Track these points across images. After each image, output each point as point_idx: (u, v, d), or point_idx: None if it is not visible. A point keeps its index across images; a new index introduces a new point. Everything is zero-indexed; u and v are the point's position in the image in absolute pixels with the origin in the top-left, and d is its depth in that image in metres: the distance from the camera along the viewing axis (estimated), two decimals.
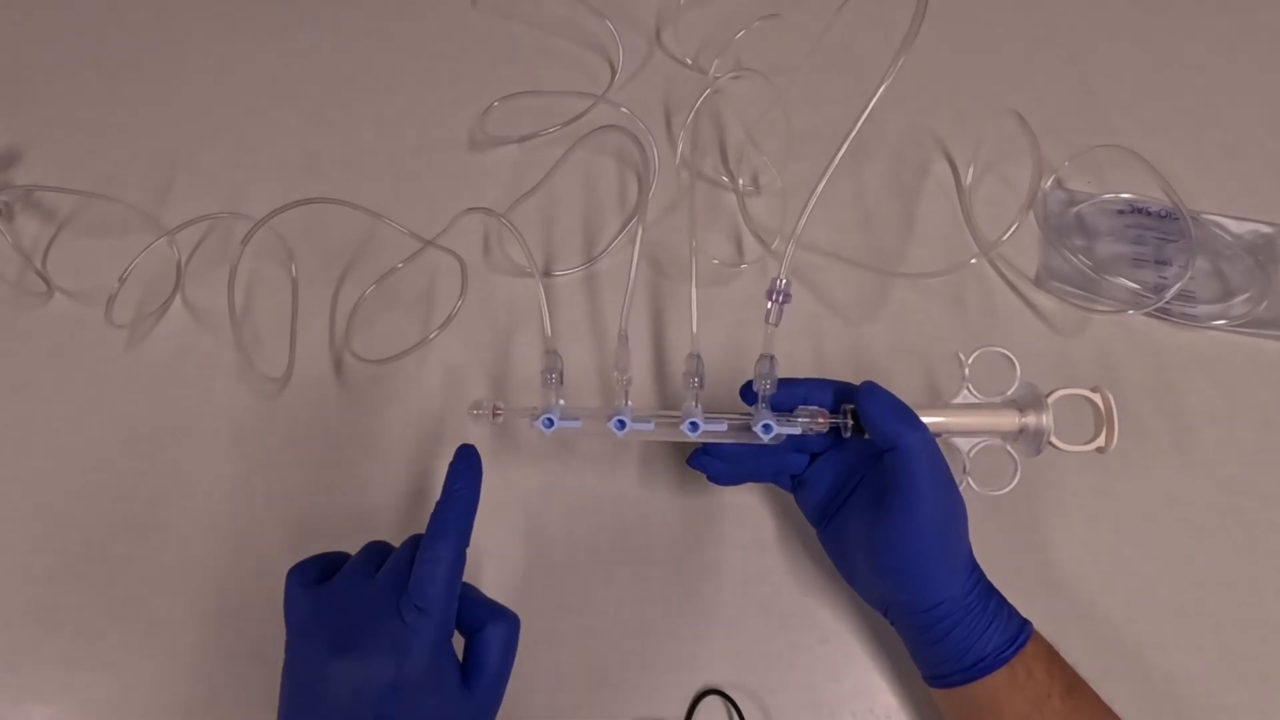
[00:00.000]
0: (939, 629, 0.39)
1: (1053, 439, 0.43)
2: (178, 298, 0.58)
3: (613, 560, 0.49)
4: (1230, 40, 0.71)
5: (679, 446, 0.52)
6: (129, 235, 0.59)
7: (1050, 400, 0.43)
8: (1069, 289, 0.58)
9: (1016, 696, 0.38)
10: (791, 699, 0.46)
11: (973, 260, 0.58)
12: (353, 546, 0.50)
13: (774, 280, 0.42)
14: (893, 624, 0.43)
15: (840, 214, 0.62)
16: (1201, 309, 0.57)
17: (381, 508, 0.51)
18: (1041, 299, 0.58)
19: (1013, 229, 0.55)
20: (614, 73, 0.68)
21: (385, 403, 0.54)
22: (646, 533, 0.50)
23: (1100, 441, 0.43)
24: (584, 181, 0.63)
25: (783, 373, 0.44)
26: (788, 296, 0.42)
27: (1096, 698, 0.39)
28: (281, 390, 0.55)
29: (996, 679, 0.38)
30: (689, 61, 0.69)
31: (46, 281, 0.58)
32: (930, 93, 0.68)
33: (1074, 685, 0.39)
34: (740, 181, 0.63)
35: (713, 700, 0.46)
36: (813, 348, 0.56)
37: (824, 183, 0.40)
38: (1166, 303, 0.55)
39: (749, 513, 0.51)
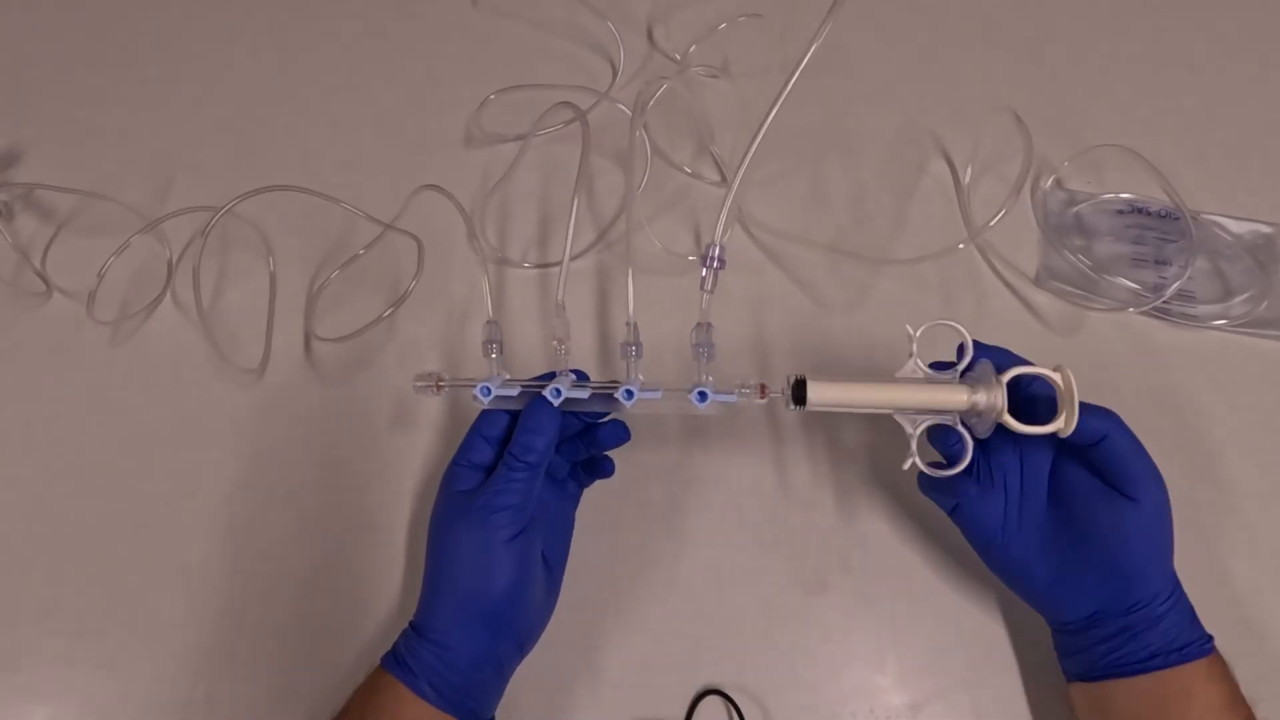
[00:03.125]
0: (1157, 613, 0.39)
1: (1006, 417, 0.39)
2: (168, 295, 0.59)
3: (612, 560, 0.49)
4: (1230, 40, 0.71)
5: (678, 444, 0.52)
6: (128, 235, 0.59)
7: (1005, 379, 0.40)
8: (1069, 289, 0.58)
9: (1212, 688, 0.39)
10: (791, 699, 0.46)
11: (960, 245, 0.57)
12: (355, 545, 0.50)
13: (708, 246, 0.42)
14: (1080, 627, 0.41)
15: (840, 214, 0.62)
16: (1201, 309, 0.57)
17: (381, 506, 0.51)
18: (1041, 299, 0.58)
19: (1001, 214, 0.55)
20: (615, 73, 0.68)
21: (370, 389, 0.55)
22: (646, 532, 0.50)
23: (1059, 423, 0.39)
24: (570, 175, 0.63)
25: (775, 372, 0.43)
26: (722, 262, 0.42)
27: None
28: (258, 381, 0.55)
29: (1199, 665, 0.39)
30: (677, 58, 0.70)
31: (46, 281, 0.58)
32: (929, 92, 0.68)
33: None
34: (732, 180, 0.63)
35: (713, 700, 0.46)
36: (809, 345, 0.56)
37: (750, 153, 0.41)
38: (1166, 302, 0.55)
39: (749, 513, 0.51)
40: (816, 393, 0.41)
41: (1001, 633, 0.47)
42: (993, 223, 0.55)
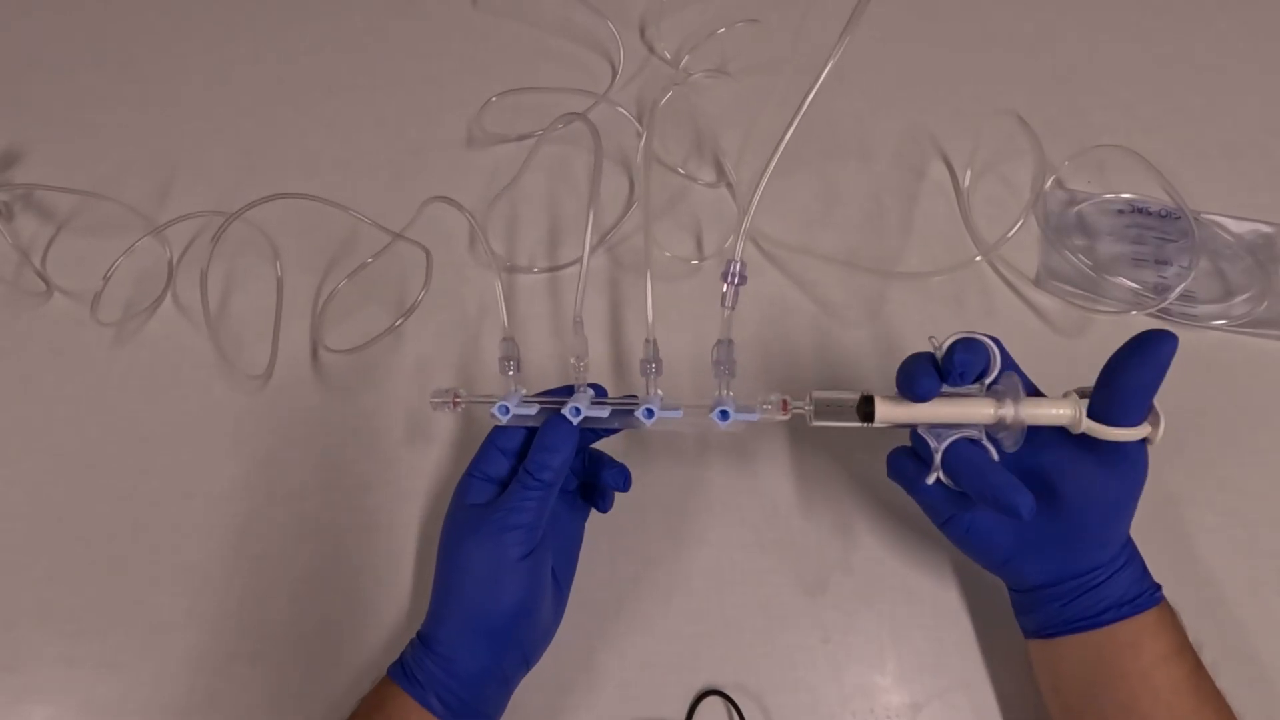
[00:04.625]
0: (1111, 572, 0.40)
1: (1089, 423, 0.38)
2: (169, 296, 0.59)
3: (613, 560, 0.49)
4: (1230, 40, 0.71)
5: (679, 445, 0.52)
6: (128, 235, 0.59)
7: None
8: (1069, 289, 0.58)
9: (1162, 635, 0.39)
10: (791, 699, 0.46)
11: (977, 258, 0.58)
12: (357, 548, 0.50)
13: (729, 263, 0.42)
14: (1037, 591, 0.41)
15: (840, 216, 0.62)
16: (1202, 309, 0.57)
17: (381, 509, 0.51)
18: (1042, 299, 0.58)
19: (1016, 227, 0.55)
20: (615, 73, 0.68)
21: (377, 396, 0.55)
22: (646, 533, 0.50)
23: (1147, 429, 0.38)
24: (573, 179, 0.64)
25: (772, 376, 0.43)
26: (743, 279, 0.42)
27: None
28: (264, 386, 0.55)
29: (1149, 616, 0.39)
30: (667, 56, 0.70)
31: (46, 281, 0.58)
32: (930, 93, 0.68)
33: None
34: (736, 188, 0.63)
35: (713, 700, 0.46)
36: (819, 353, 0.56)
37: (775, 160, 0.39)
38: (1168, 303, 0.55)
39: (749, 513, 0.51)
40: (885, 411, 0.41)
41: (1002, 632, 0.47)
42: (1010, 234, 0.55)
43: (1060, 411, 0.39)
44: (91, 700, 0.46)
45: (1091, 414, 0.39)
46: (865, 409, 0.41)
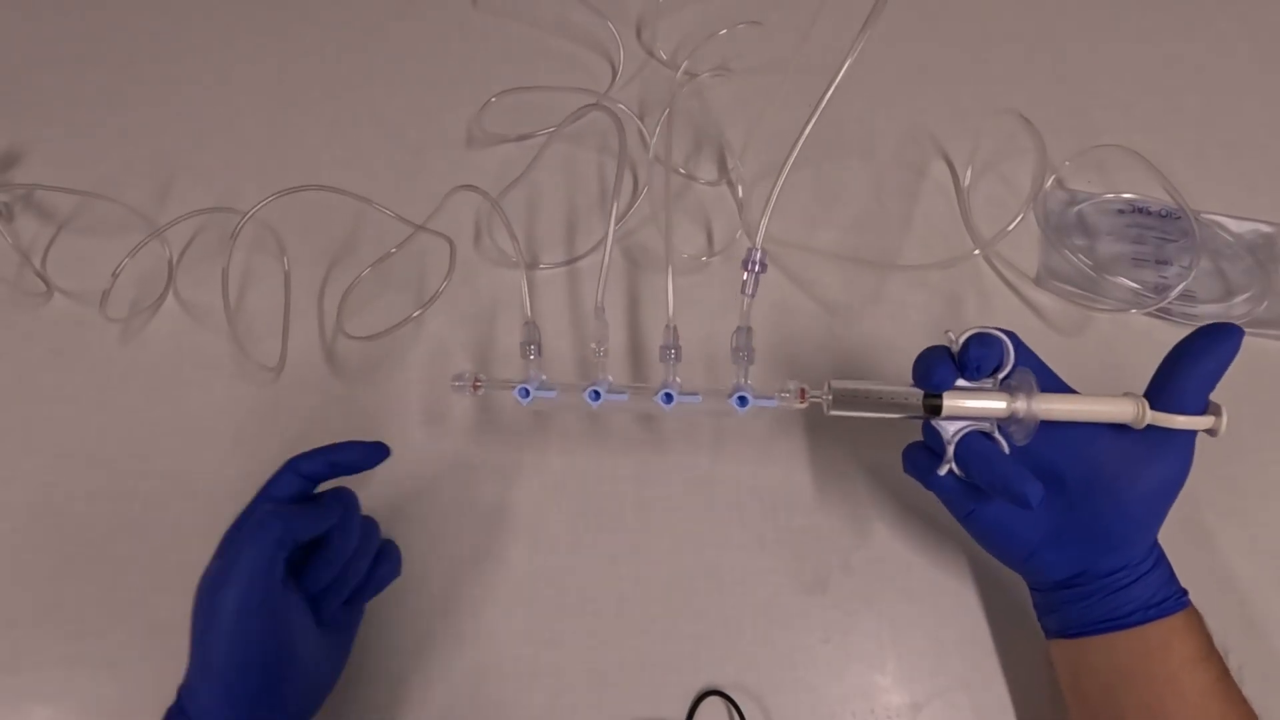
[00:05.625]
0: (1139, 574, 0.39)
1: (1153, 414, 0.39)
2: (170, 295, 0.59)
3: (613, 560, 0.49)
4: (1230, 40, 0.71)
5: (679, 444, 0.52)
6: (128, 236, 0.59)
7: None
8: (1069, 288, 0.58)
9: (1190, 639, 0.39)
10: (791, 699, 0.46)
11: (975, 252, 0.58)
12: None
13: (749, 250, 0.42)
14: (1059, 587, 0.41)
15: (841, 215, 0.62)
16: (1202, 308, 0.57)
17: (381, 507, 0.51)
18: (1042, 298, 0.58)
19: (1015, 222, 0.55)
20: (615, 73, 0.68)
21: (378, 396, 0.55)
22: (646, 533, 0.50)
23: (1212, 421, 0.39)
24: (579, 176, 0.64)
25: (772, 375, 0.43)
26: (764, 266, 0.42)
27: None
28: (274, 381, 0.55)
29: (1177, 619, 0.39)
30: (663, 56, 0.70)
31: (46, 282, 0.58)
32: (930, 93, 0.68)
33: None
34: (743, 186, 0.63)
35: (713, 700, 0.46)
36: (813, 348, 0.56)
37: (791, 160, 0.40)
38: (1168, 302, 0.55)
39: (750, 513, 0.51)
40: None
41: (1003, 632, 0.47)
42: (1010, 227, 0.56)
43: (1120, 409, 0.39)
44: (91, 700, 0.46)
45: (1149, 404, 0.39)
46: (932, 402, 0.41)
